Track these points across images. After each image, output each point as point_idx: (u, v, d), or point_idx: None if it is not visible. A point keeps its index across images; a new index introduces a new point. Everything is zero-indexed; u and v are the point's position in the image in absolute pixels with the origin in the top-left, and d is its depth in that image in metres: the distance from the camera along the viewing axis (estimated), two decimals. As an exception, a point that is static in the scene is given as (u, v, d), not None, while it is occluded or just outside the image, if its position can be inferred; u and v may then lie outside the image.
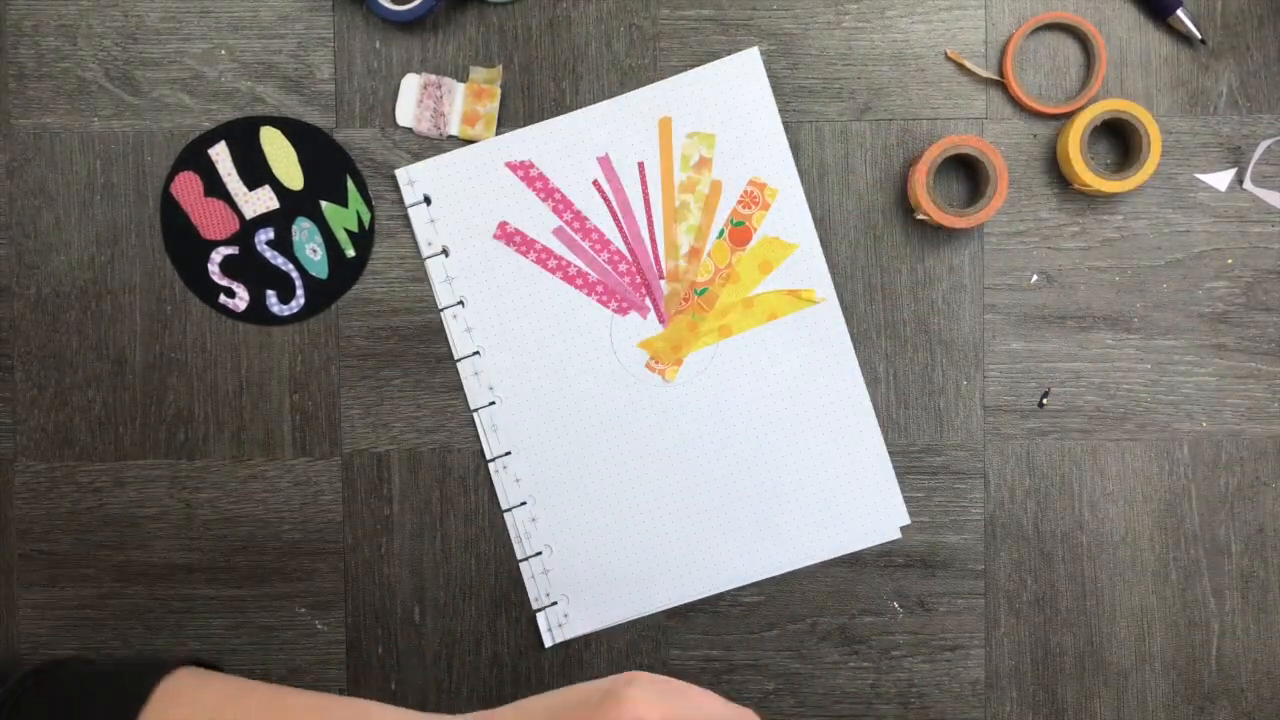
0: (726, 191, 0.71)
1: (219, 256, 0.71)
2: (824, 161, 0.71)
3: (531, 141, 0.71)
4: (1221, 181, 0.71)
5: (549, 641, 0.71)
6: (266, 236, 0.71)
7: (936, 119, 0.71)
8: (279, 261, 0.71)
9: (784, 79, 0.71)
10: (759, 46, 0.70)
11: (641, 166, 0.71)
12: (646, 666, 0.72)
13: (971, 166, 0.70)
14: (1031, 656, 0.72)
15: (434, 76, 0.70)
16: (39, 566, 0.72)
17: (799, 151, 0.71)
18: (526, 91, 0.71)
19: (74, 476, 0.72)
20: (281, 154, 0.71)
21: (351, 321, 0.72)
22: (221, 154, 0.71)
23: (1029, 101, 0.70)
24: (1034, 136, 0.71)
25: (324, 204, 0.71)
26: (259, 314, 0.71)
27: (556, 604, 0.71)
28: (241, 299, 0.71)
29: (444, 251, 0.71)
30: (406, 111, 0.70)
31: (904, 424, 0.71)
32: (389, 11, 0.69)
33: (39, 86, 0.71)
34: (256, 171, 0.71)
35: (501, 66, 0.70)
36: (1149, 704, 0.72)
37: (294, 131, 0.71)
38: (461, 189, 0.71)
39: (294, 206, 0.71)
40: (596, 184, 0.71)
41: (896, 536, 0.71)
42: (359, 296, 0.71)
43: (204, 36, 0.71)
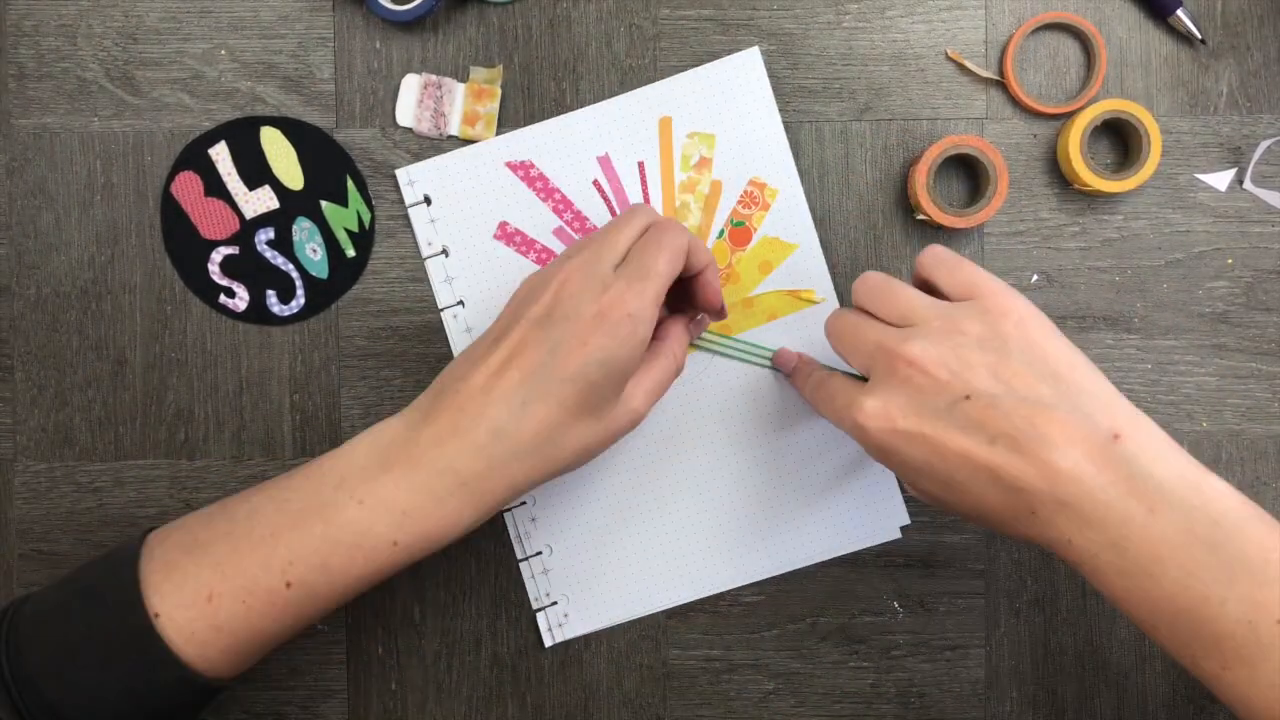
0: (726, 191, 0.71)
1: (219, 256, 0.71)
2: (824, 161, 0.71)
3: (531, 141, 0.71)
4: (1221, 181, 0.71)
5: (549, 641, 0.71)
6: (267, 236, 0.71)
7: (936, 119, 0.71)
8: (279, 261, 0.71)
9: (784, 79, 0.71)
10: (759, 46, 0.70)
11: (641, 166, 0.71)
12: (646, 666, 0.72)
13: (971, 166, 0.70)
14: (1031, 656, 0.72)
15: (434, 76, 0.70)
16: (39, 566, 0.72)
17: (799, 151, 0.71)
18: (526, 91, 0.71)
19: (74, 476, 0.72)
20: (281, 154, 0.71)
21: (351, 321, 0.72)
22: (221, 154, 0.71)
23: (1029, 101, 0.70)
24: (1034, 136, 0.71)
25: (324, 204, 0.71)
26: (259, 314, 0.71)
27: (556, 604, 0.71)
28: (241, 299, 0.71)
29: (444, 251, 0.71)
30: (406, 111, 0.71)
31: (904, 424, 0.71)
32: (389, 11, 0.69)
33: (39, 86, 0.71)
34: (256, 171, 0.71)
35: (501, 66, 0.70)
36: (1149, 704, 0.72)
37: (294, 131, 0.71)
38: (462, 189, 0.71)
39: (294, 206, 0.71)
40: (596, 184, 0.71)
41: (897, 536, 0.71)
42: (359, 296, 0.71)
43: (204, 36, 0.71)
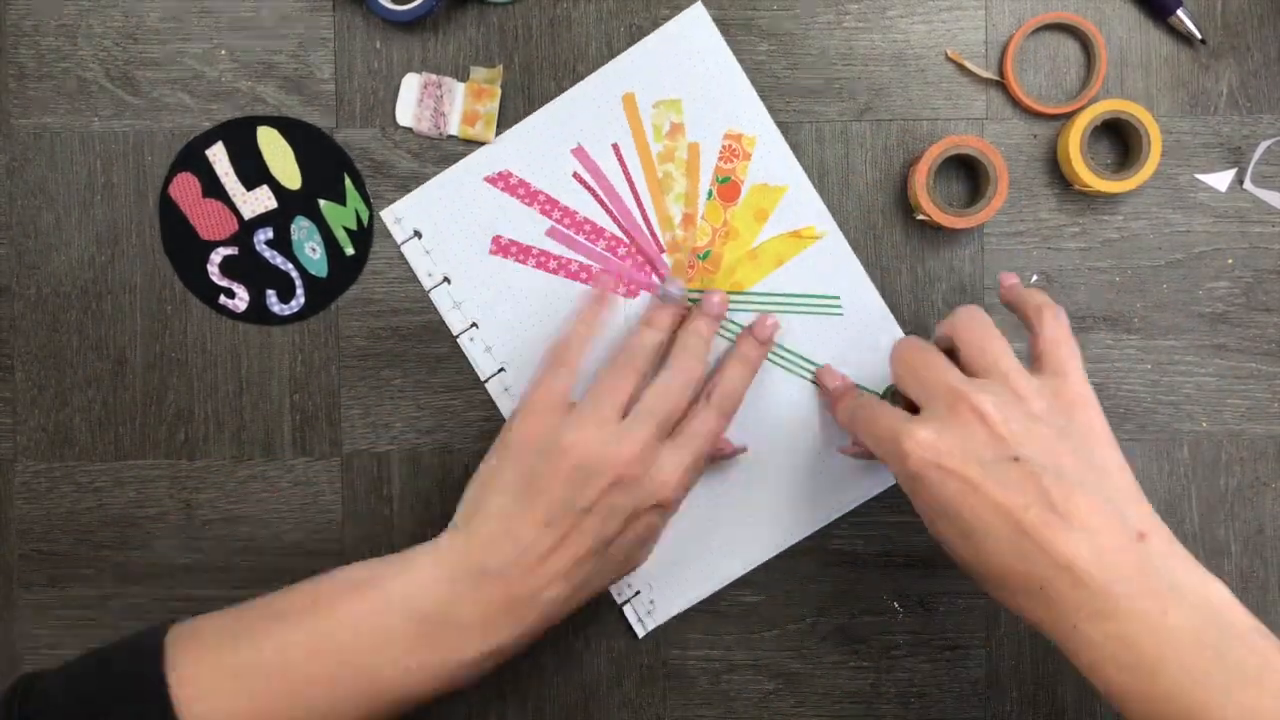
0: (705, 151, 0.70)
1: (218, 257, 0.71)
2: (824, 162, 0.71)
3: (503, 151, 0.70)
4: (1222, 182, 0.71)
5: (640, 632, 0.71)
6: (265, 236, 0.71)
7: (936, 119, 0.71)
8: (278, 261, 0.71)
9: (784, 79, 0.71)
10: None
11: (616, 148, 0.71)
12: (646, 666, 0.72)
13: (971, 167, 0.70)
14: (1031, 656, 0.72)
15: (434, 76, 0.70)
16: (39, 566, 0.72)
17: (799, 152, 0.71)
18: (526, 91, 0.71)
19: (74, 476, 0.72)
20: (279, 154, 0.71)
21: (351, 321, 0.72)
22: (219, 154, 0.71)
23: (1029, 101, 0.70)
24: (1034, 136, 0.71)
25: (322, 203, 0.71)
26: (259, 314, 0.71)
27: (639, 593, 0.71)
28: (241, 299, 0.71)
29: (445, 279, 0.71)
30: (407, 111, 0.70)
31: (904, 424, 0.71)
32: (389, 11, 0.69)
33: (39, 86, 0.71)
34: (254, 171, 0.71)
35: (501, 66, 0.70)
36: (1149, 704, 0.72)
37: (291, 131, 0.71)
38: (448, 215, 0.71)
39: (292, 206, 0.71)
40: (577, 176, 0.71)
41: None
42: (359, 296, 0.71)
43: (204, 36, 0.71)
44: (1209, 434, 0.71)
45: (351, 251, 0.71)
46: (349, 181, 0.71)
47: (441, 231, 0.71)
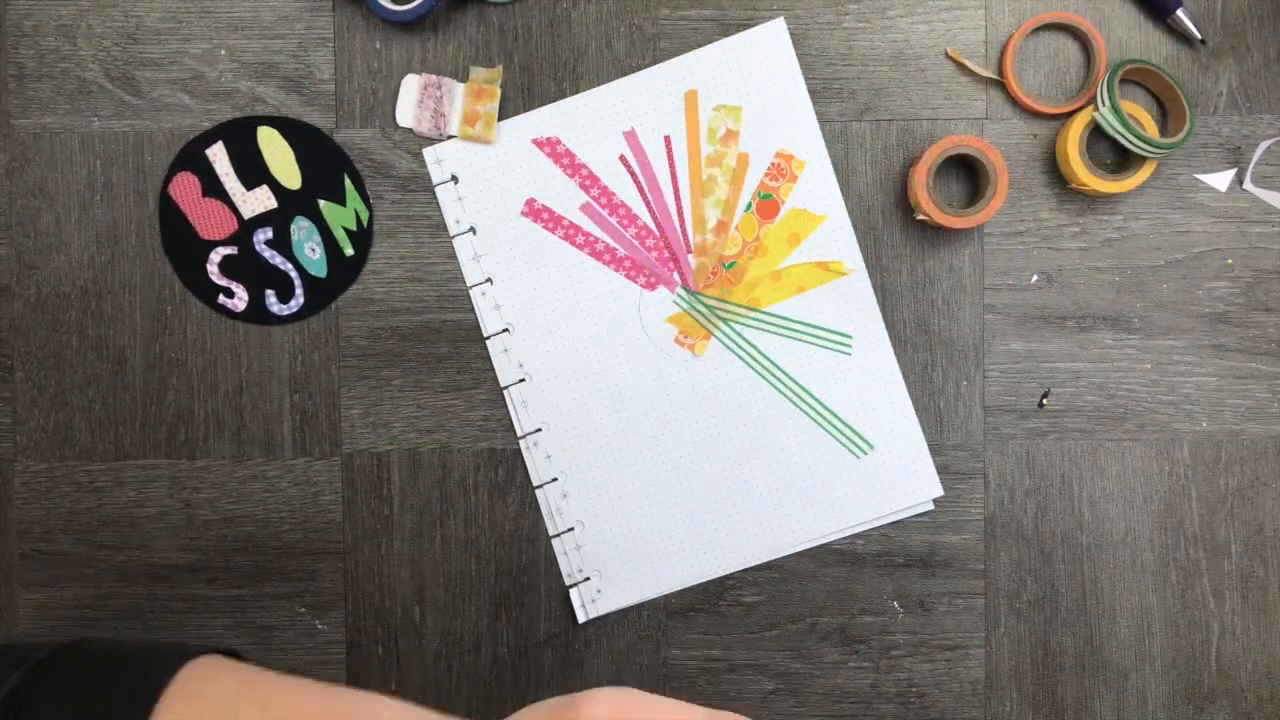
0: (754, 164, 0.71)
1: (218, 257, 0.71)
2: (824, 161, 0.71)
3: (558, 117, 0.71)
4: (1221, 182, 0.71)
5: (582, 618, 0.71)
6: (265, 236, 0.71)
7: (936, 119, 0.71)
8: (278, 261, 0.71)
9: (784, 79, 0.71)
10: (783, 17, 0.70)
11: (668, 140, 0.71)
12: (647, 666, 0.72)
13: (971, 167, 0.70)
14: (1031, 656, 0.72)
15: (434, 77, 0.70)
16: (39, 566, 0.72)
17: (799, 151, 0.71)
18: (526, 91, 0.71)
19: (74, 476, 0.72)
20: (279, 153, 0.71)
21: (351, 321, 0.72)
22: (219, 154, 0.71)
23: (1029, 101, 0.70)
24: (1034, 136, 0.71)
25: (322, 203, 0.71)
26: (258, 314, 0.71)
27: (589, 580, 0.71)
28: (241, 299, 0.71)
29: (471, 229, 0.71)
30: (407, 112, 0.70)
31: (904, 424, 0.71)
32: (389, 11, 0.69)
33: (39, 86, 0.71)
34: (254, 171, 0.71)
35: (502, 66, 0.70)
36: (1149, 704, 0.72)
37: (291, 131, 0.71)
38: (489, 166, 0.71)
39: (292, 206, 0.71)
40: (623, 159, 0.71)
41: (930, 508, 0.71)
42: (359, 296, 0.71)
43: (204, 36, 0.71)
44: (1209, 434, 0.71)
45: (351, 252, 0.71)
46: (349, 182, 0.71)
47: (478, 181, 0.71)
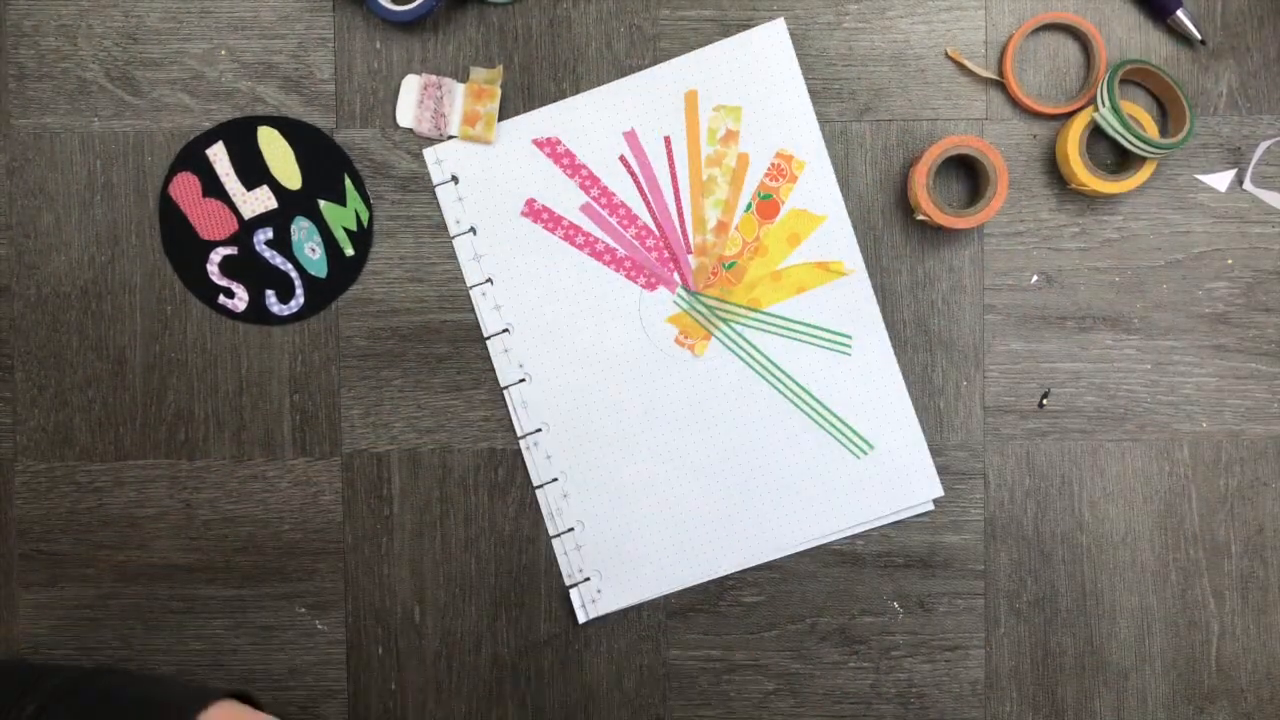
0: (754, 164, 0.71)
1: (218, 257, 0.71)
2: (824, 162, 0.71)
3: (558, 118, 0.71)
4: (1221, 182, 0.71)
5: (582, 618, 0.71)
6: (265, 236, 0.71)
7: (936, 119, 0.71)
8: (278, 261, 0.71)
9: (784, 79, 0.71)
10: (784, 17, 0.70)
11: (668, 141, 0.71)
12: (646, 666, 0.72)
13: (971, 167, 0.70)
14: (1031, 656, 0.72)
15: (434, 77, 0.70)
16: (39, 566, 0.72)
17: (799, 152, 0.71)
18: (526, 91, 0.71)
19: (74, 476, 0.72)
20: (279, 154, 0.71)
21: (351, 321, 0.72)
22: (219, 154, 0.71)
23: (1029, 102, 0.70)
24: (1034, 137, 0.71)
25: (322, 203, 0.71)
26: (258, 314, 0.71)
27: (589, 580, 0.71)
28: (241, 299, 0.71)
29: (471, 229, 0.71)
30: (407, 112, 0.70)
31: (904, 424, 0.71)
32: (389, 11, 0.69)
33: (39, 86, 0.71)
34: (254, 171, 0.71)
35: (502, 66, 0.70)
36: (1149, 704, 0.72)
37: (291, 131, 0.71)
38: (489, 167, 0.71)
39: (292, 206, 0.71)
40: (623, 159, 0.71)
41: (930, 508, 0.71)
42: (359, 297, 0.72)
43: (204, 36, 0.71)
44: (1209, 434, 0.71)
45: (351, 252, 0.71)
46: (349, 182, 0.71)
47: (479, 182, 0.71)
